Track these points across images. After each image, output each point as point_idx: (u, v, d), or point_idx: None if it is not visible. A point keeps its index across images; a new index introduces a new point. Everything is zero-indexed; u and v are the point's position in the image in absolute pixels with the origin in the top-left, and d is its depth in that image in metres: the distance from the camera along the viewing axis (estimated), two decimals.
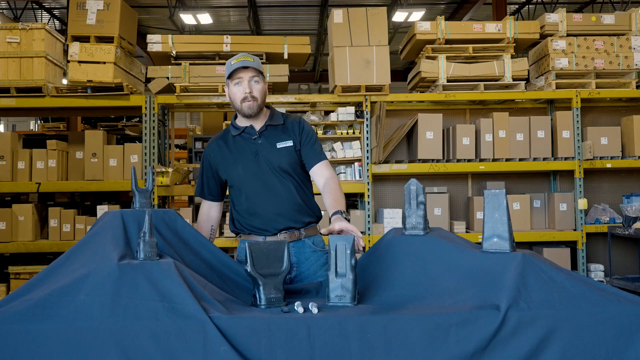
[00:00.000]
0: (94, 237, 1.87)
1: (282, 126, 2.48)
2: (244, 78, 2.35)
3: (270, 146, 2.43)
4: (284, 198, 2.40)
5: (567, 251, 5.51)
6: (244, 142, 2.45)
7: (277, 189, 2.40)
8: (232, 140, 2.48)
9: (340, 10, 5.55)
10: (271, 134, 2.45)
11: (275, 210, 2.39)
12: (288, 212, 2.40)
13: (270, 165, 2.40)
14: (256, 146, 2.43)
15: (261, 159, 2.41)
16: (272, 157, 2.41)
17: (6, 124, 17.28)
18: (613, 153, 5.56)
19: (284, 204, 2.40)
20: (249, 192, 2.41)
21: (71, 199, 6.32)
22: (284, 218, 2.39)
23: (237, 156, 2.44)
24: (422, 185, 2.06)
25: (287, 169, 2.42)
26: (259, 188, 2.40)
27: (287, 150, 2.44)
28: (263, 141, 2.43)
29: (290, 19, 12.65)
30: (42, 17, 12.52)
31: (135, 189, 2.04)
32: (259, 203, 2.40)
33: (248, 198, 2.42)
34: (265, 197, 2.40)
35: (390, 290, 1.88)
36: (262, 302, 1.78)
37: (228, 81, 2.39)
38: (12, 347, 1.52)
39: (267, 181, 2.40)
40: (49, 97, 5.40)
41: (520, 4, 11.87)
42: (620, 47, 5.64)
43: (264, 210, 2.40)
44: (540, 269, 1.75)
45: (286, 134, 2.47)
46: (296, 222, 2.42)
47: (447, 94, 5.56)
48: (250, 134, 2.45)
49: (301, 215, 2.44)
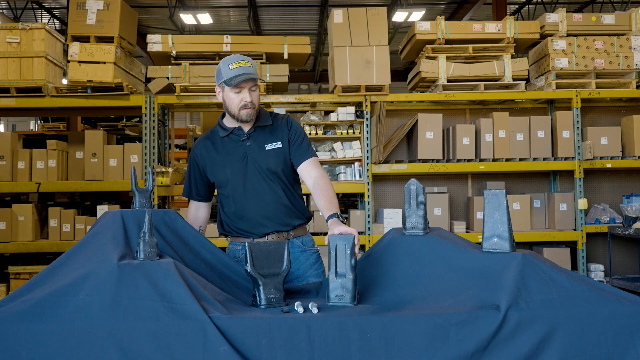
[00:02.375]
0: (94, 237, 1.87)
1: (271, 127, 2.44)
2: (245, 87, 2.31)
3: (258, 148, 2.38)
4: (271, 201, 2.37)
5: (567, 251, 5.51)
6: (232, 143, 2.41)
7: (265, 192, 2.36)
8: (220, 142, 2.43)
9: (340, 10, 5.55)
10: (260, 136, 2.41)
11: (263, 213, 2.36)
12: (276, 215, 2.37)
13: (258, 168, 2.36)
14: (245, 148, 2.38)
15: (249, 161, 2.37)
16: (260, 159, 2.37)
17: (6, 124, 17.28)
18: (613, 153, 5.55)
19: (271, 208, 2.37)
20: (237, 194, 2.38)
21: (71, 199, 6.32)
22: (272, 222, 2.37)
23: (224, 158, 2.40)
24: (422, 185, 2.06)
25: (276, 171, 2.38)
26: (247, 191, 2.37)
27: (276, 152, 2.39)
28: (252, 143, 2.39)
29: (290, 19, 12.64)
30: (42, 17, 12.52)
31: (135, 189, 2.04)
32: (247, 206, 2.37)
33: (236, 201, 2.39)
34: (252, 200, 2.36)
35: (390, 290, 1.88)
36: (262, 302, 1.78)
37: (225, 85, 2.33)
38: (12, 347, 1.52)
39: (254, 184, 2.36)
40: (49, 97, 5.40)
41: (520, 4, 11.87)
42: (620, 47, 5.64)
43: (251, 214, 2.37)
44: (540, 269, 1.75)
45: (274, 135, 2.42)
46: (284, 226, 2.39)
47: (447, 94, 5.56)
48: (239, 136, 2.40)
49: (289, 219, 2.40)
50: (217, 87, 2.39)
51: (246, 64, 2.30)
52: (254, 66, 2.35)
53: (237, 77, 2.27)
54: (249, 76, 2.27)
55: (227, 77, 2.29)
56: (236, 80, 2.26)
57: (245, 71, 2.28)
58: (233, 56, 2.35)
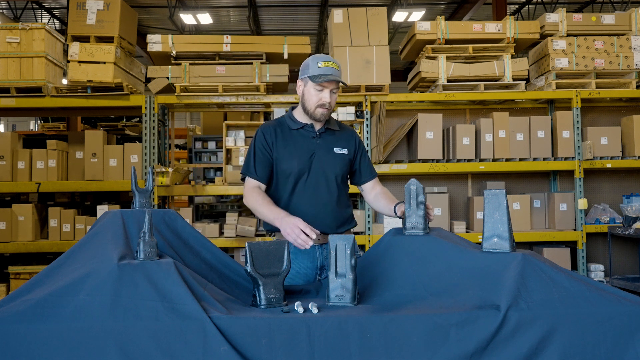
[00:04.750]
0: (94, 237, 1.87)
1: (339, 132, 2.52)
2: (328, 87, 2.36)
3: (327, 149, 2.45)
4: (326, 202, 2.42)
5: (567, 251, 5.51)
6: (301, 138, 2.45)
7: (322, 192, 2.42)
8: (289, 133, 2.46)
9: (340, 10, 5.55)
10: (329, 138, 2.48)
11: (314, 212, 2.40)
12: (325, 216, 2.42)
13: (323, 168, 2.42)
14: (314, 146, 2.44)
15: (315, 159, 2.42)
16: (327, 160, 2.43)
17: (6, 124, 17.29)
18: (613, 153, 5.55)
19: (323, 209, 2.42)
20: (296, 189, 2.42)
21: (71, 199, 6.33)
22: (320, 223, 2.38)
23: (292, 150, 2.42)
24: (422, 185, 2.06)
25: (338, 175, 2.45)
26: (306, 187, 2.41)
27: (342, 157, 2.47)
28: (321, 142, 2.45)
29: (290, 19, 12.65)
30: (42, 17, 12.52)
31: (135, 189, 2.04)
32: (301, 202, 2.41)
33: (292, 194, 2.42)
34: (308, 197, 2.41)
35: (390, 290, 1.88)
36: (262, 302, 1.78)
37: (308, 80, 2.37)
38: (12, 347, 1.52)
39: (315, 182, 2.41)
40: (49, 97, 5.40)
41: (520, 4, 11.87)
42: (620, 47, 5.64)
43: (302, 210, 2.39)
44: (540, 269, 1.75)
45: (342, 141, 2.50)
46: (330, 229, 2.41)
47: (447, 94, 5.56)
48: (310, 132, 2.46)
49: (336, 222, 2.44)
50: (300, 80, 2.43)
51: (334, 65, 2.36)
52: (340, 70, 2.41)
53: (324, 76, 2.33)
54: (335, 78, 2.33)
55: (314, 73, 2.34)
56: (322, 79, 2.32)
57: (332, 72, 2.34)
58: (323, 55, 2.41)
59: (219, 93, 5.43)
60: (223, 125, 5.81)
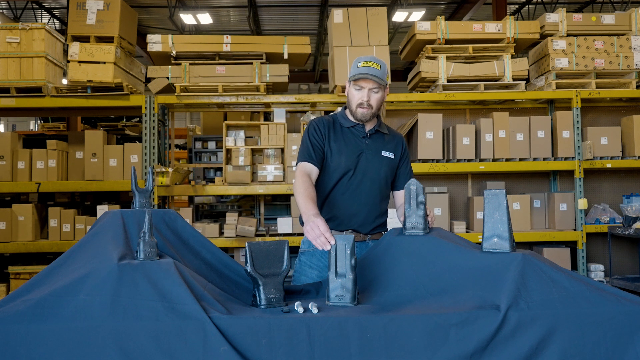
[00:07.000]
0: (94, 237, 1.87)
1: (388, 136, 2.54)
2: (365, 87, 2.37)
3: (375, 150, 2.47)
4: (366, 202, 2.44)
5: (567, 251, 5.51)
6: (352, 136, 2.48)
7: (364, 192, 2.43)
8: (340, 130, 2.49)
9: (340, 10, 5.55)
10: (378, 140, 2.51)
11: (353, 211, 2.42)
12: (363, 218, 2.44)
13: (369, 168, 2.44)
14: (363, 145, 2.47)
15: (362, 158, 2.45)
16: (374, 161, 2.46)
17: (6, 124, 17.29)
18: (613, 153, 5.55)
19: (362, 209, 2.44)
20: (340, 185, 2.43)
21: (71, 199, 6.33)
22: (356, 223, 2.41)
23: (342, 146, 2.45)
24: (422, 185, 2.06)
25: (382, 178, 2.47)
26: (350, 185, 2.43)
27: (388, 161, 2.50)
28: (370, 143, 2.48)
29: (290, 19, 12.64)
30: (42, 17, 12.52)
31: (135, 189, 2.04)
32: (343, 199, 2.43)
33: (334, 190, 2.44)
34: (351, 194, 2.43)
35: (390, 290, 1.88)
36: (262, 302, 1.78)
37: (350, 80, 2.40)
38: (12, 347, 1.52)
39: (359, 181, 2.43)
40: (49, 97, 5.40)
41: (520, 4, 11.87)
42: (620, 47, 5.64)
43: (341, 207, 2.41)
44: (540, 269, 1.75)
45: (390, 145, 2.52)
46: (363, 229, 2.45)
47: (447, 94, 5.56)
48: (360, 132, 2.48)
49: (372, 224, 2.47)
50: (347, 82, 2.46)
51: (374, 65, 2.36)
52: (383, 70, 2.38)
53: (358, 75, 2.34)
54: (367, 76, 2.33)
55: (352, 73, 2.37)
56: (356, 77, 2.34)
57: (369, 71, 2.34)
58: (366, 56, 2.42)
59: (219, 93, 5.43)
60: (223, 125, 5.81)
